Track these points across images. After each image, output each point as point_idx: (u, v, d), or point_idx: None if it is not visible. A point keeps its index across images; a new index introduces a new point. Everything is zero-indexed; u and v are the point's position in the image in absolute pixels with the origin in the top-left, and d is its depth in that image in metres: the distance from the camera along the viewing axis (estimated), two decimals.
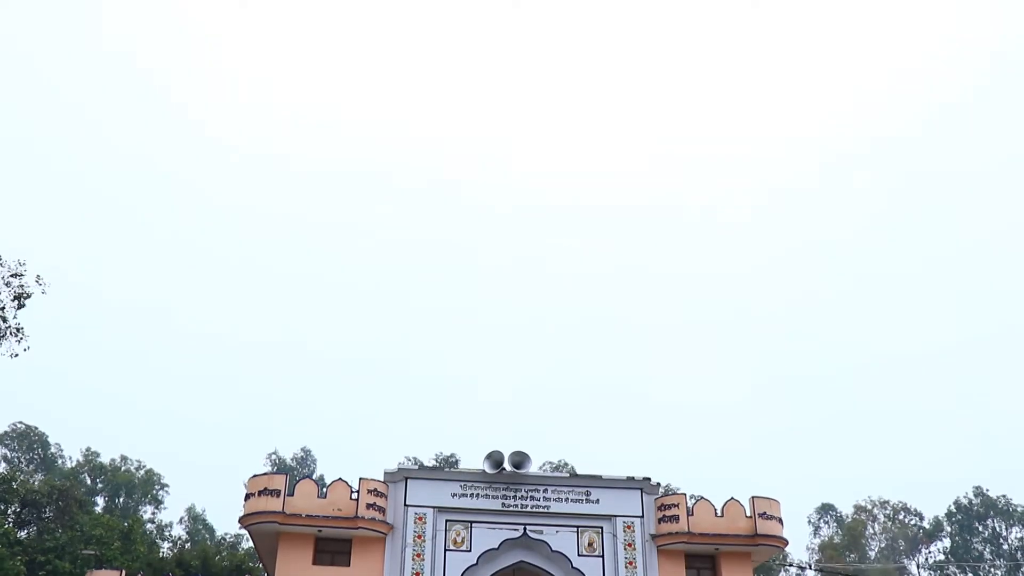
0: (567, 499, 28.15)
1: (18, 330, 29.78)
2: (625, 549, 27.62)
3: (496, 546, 27.36)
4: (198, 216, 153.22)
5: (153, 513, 76.54)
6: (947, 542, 77.90)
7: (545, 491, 28.19)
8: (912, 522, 76.88)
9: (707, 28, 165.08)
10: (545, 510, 27.91)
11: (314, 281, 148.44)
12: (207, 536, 74.27)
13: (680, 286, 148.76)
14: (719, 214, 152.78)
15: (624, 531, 27.89)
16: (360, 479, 27.25)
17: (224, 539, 69.72)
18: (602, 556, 27.61)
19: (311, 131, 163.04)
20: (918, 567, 75.14)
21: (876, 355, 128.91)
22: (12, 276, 29.66)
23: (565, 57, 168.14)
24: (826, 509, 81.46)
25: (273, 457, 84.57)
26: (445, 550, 27.12)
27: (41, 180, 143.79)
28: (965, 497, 79.35)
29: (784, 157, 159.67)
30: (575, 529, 27.91)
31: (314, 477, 73.87)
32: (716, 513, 28.40)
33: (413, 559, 26.74)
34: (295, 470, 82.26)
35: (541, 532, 27.71)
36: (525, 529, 27.67)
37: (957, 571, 75.34)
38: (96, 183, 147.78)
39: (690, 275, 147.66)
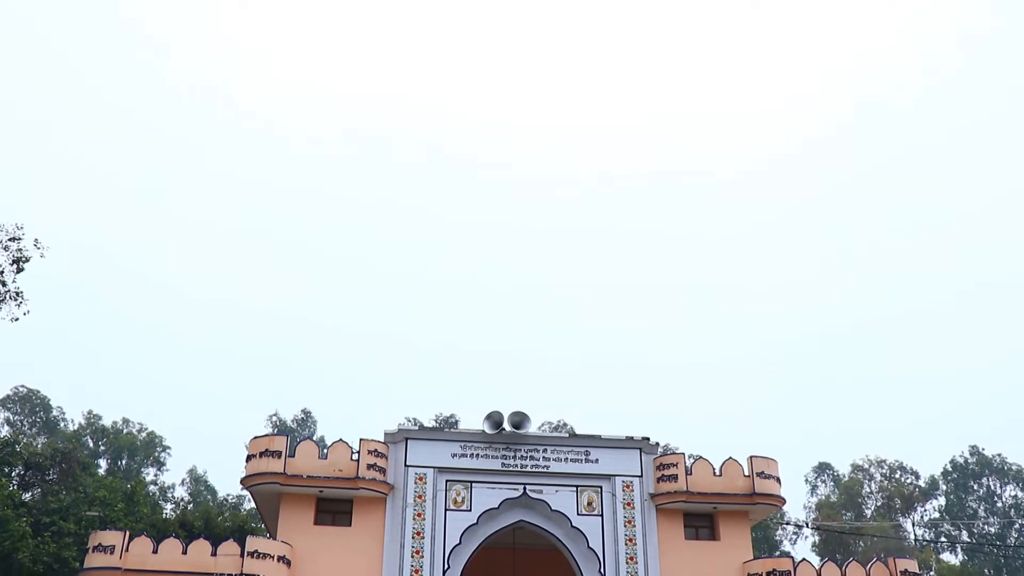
0: (566, 459, 28.33)
1: (18, 294, 29.70)
2: (624, 508, 27.86)
3: (496, 506, 27.58)
4: (201, 183, 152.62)
5: (156, 475, 77.12)
6: (942, 500, 78.65)
7: (544, 451, 28.37)
8: (908, 481, 77.50)
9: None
10: (545, 470, 28.09)
11: (314, 247, 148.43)
12: (209, 497, 74.81)
13: (677, 248, 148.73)
14: (716, 176, 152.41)
15: (623, 490, 28.11)
16: (360, 440, 27.37)
17: (226, 500, 70.31)
18: (601, 515, 27.86)
19: (315, 102, 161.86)
20: (913, 525, 75.91)
21: (872, 315, 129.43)
22: (10, 240, 29.52)
23: (560, 25, 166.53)
24: (823, 468, 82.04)
25: (274, 419, 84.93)
26: (445, 510, 27.35)
27: (41, 145, 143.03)
28: (961, 456, 79.98)
29: (779, 122, 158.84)
30: (574, 488, 28.12)
31: (315, 438, 74.38)
32: (714, 472, 28.61)
33: (414, 519, 26.97)
34: (296, 431, 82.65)
35: (541, 492, 27.90)
36: (525, 489, 27.87)
37: (952, 529, 76.13)
38: (96, 148, 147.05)
39: (687, 236, 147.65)
